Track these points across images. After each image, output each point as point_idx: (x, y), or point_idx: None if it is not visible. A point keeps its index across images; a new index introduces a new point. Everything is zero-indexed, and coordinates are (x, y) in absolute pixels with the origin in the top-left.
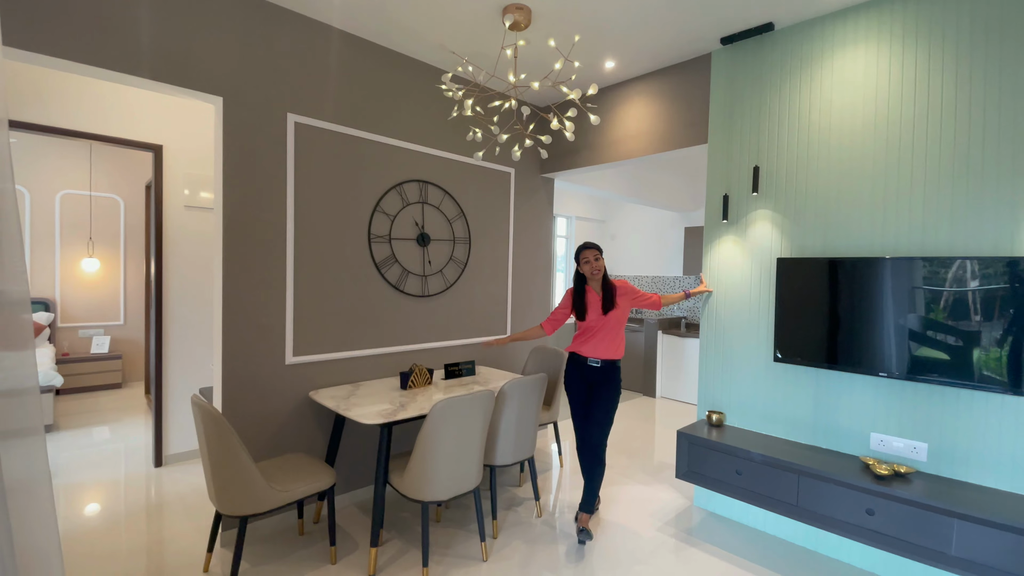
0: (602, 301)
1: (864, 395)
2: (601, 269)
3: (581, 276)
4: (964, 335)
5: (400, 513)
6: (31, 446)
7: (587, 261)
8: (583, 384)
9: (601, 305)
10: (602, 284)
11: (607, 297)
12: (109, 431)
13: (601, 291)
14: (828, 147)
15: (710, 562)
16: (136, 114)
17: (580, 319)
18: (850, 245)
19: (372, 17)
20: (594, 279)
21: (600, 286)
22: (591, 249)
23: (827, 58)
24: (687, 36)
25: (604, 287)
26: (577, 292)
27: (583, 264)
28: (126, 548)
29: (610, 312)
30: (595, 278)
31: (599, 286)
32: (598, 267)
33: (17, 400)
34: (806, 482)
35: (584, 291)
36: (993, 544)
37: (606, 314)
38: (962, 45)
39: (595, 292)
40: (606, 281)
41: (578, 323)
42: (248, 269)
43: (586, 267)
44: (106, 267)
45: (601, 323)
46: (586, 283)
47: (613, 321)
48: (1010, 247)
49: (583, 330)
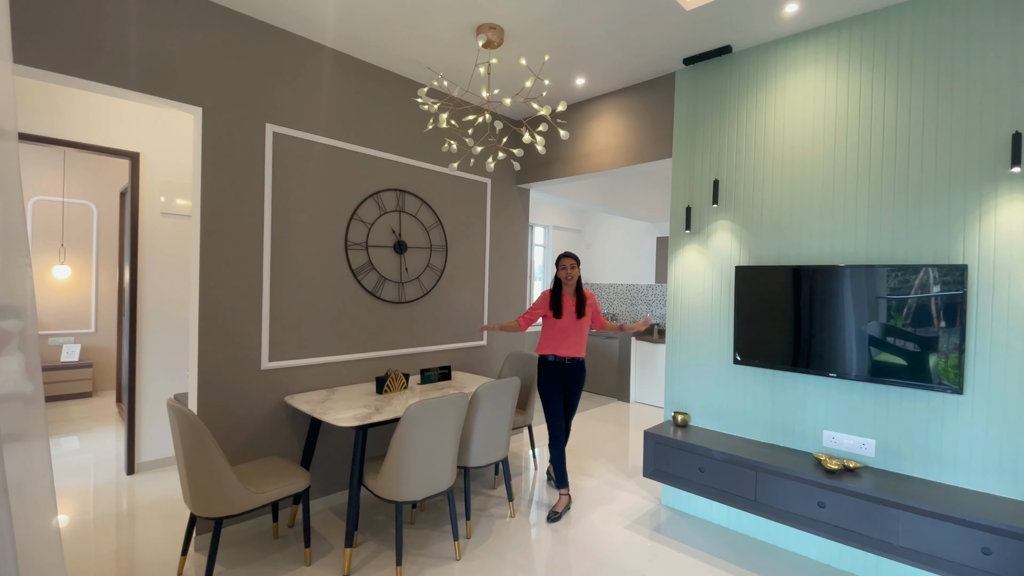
0: (576, 305)
1: (816, 395)
2: (575, 276)
3: (559, 280)
4: (907, 337)
5: (375, 516)
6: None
7: (563, 268)
8: (560, 381)
9: (576, 308)
10: (576, 291)
11: (580, 303)
12: (78, 440)
13: (575, 296)
14: (781, 162)
15: (675, 557)
16: (113, 122)
17: (556, 317)
18: (801, 254)
19: (350, 32)
20: (568, 284)
21: (574, 292)
22: (569, 258)
23: (780, 79)
24: (652, 56)
25: (578, 294)
26: (555, 294)
27: (560, 270)
28: (98, 554)
29: (582, 317)
30: (569, 284)
31: (573, 291)
32: (573, 274)
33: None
34: (763, 478)
35: (561, 294)
36: (936, 534)
37: (580, 318)
38: (902, 69)
39: (570, 296)
40: (580, 289)
41: (549, 325)
42: (225, 276)
43: (562, 272)
44: (77, 274)
45: (575, 326)
46: (563, 288)
47: (584, 324)
48: (947, 255)
49: (557, 331)
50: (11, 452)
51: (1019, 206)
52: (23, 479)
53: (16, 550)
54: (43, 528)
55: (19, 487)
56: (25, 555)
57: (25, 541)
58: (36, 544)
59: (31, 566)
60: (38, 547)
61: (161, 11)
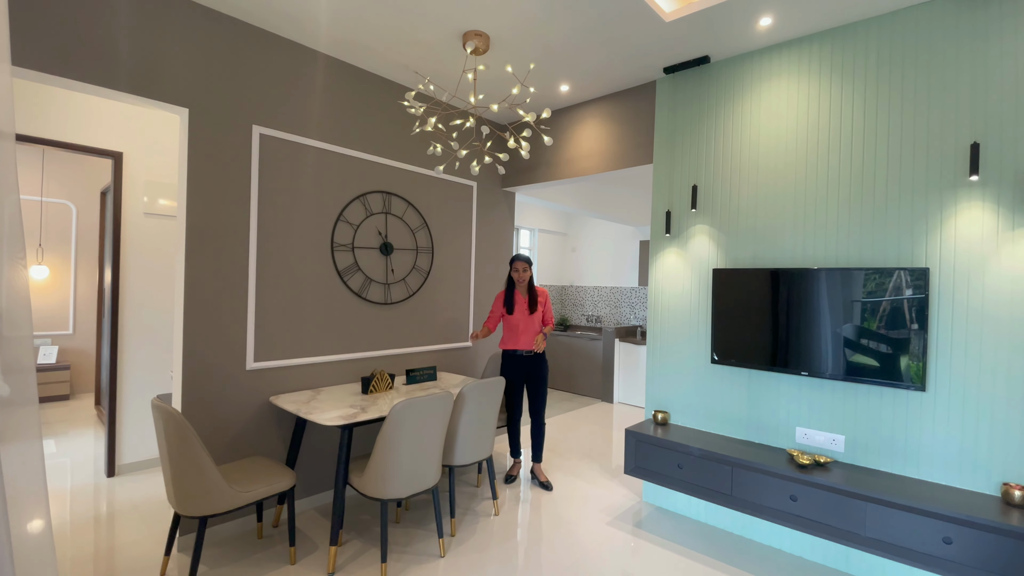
0: (528, 302)
1: (790, 393)
2: (526, 279)
3: (512, 281)
4: (873, 337)
5: (360, 516)
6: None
7: (516, 270)
8: (521, 372)
9: (528, 305)
10: (528, 290)
11: (532, 300)
12: (55, 444)
13: (527, 295)
14: (757, 169)
15: (655, 552)
16: (96, 121)
17: (509, 313)
18: (776, 257)
19: (337, 36)
20: (520, 284)
21: (526, 290)
22: (521, 262)
23: (756, 89)
24: (634, 64)
25: (530, 292)
26: (508, 293)
27: (514, 272)
28: (80, 555)
29: (534, 312)
30: (521, 284)
31: (525, 291)
32: (524, 276)
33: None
34: (739, 473)
35: (513, 293)
36: (901, 525)
37: (532, 313)
38: (869, 81)
39: (522, 295)
40: (532, 288)
41: (506, 322)
42: (210, 276)
43: (515, 274)
44: (55, 275)
45: (527, 322)
46: (515, 288)
47: (536, 319)
48: (911, 259)
49: (511, 328)
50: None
51: (977, 212)
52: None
53: (12, 554)
54: (34, 532)
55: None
56: (17, 561)
57: (17, 547)
58: (28, 549)
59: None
60: (30, 552)
61: (149, 13)
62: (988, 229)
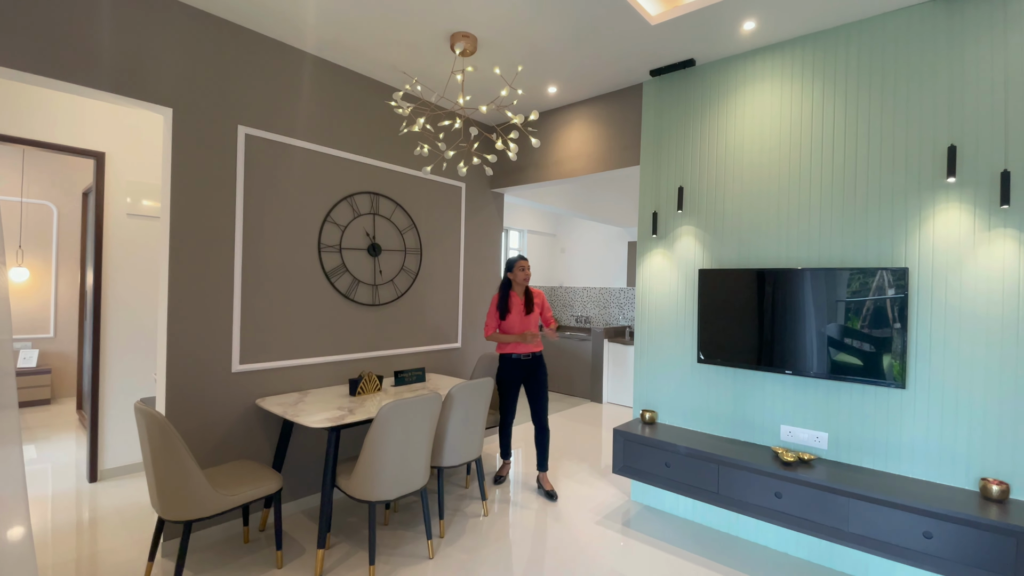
0: (524, 303)
1: (774, 391)
2: (528, 278)
3: (507, 283)
4: (856, 335)
5: (347, 519)
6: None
7: (523, 269)
8: (520, 376)
9: (524, 306)
10: (524, 291)
11: (528, 301)
12: (36, 449)
13: (523, 296)
14: (741, 170)
15: (644, 550)
16: (78, 121)
17: (502, 318)
18: (761, 257)
19: (324, 36)
20: (520, 286)
21: (523, 292)
22: (525, 260)
23: (740, 92)
24: (620, 67)
25: (526, 293)
26: (503, 296)
27: (518, 272)
28: (62, 562)
29: (531, 312)
30: (522, 285)
31: (522, 292)
32: (527, 276)
33: None
34: (725, 471)
35: (509, 295)
36: (883, 520)
37: (528, 314)
38: (850, 85)
39: (518, 296)
40: (527, 289)
41: (501, 326)
42: (195, 278)
43: (521, 274)
44: (36, 277)
45: (524, 324)
46: (511, 289)
47: (532, 320)
48: (891, 259)
49: (507, 331)
50: None
51: (954, 213)
52: None
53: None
54: (15, 539)
55: None
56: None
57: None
58: (8, 557)
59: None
60: (10, 560)
61: (133, 11)
62: (965, 229)
